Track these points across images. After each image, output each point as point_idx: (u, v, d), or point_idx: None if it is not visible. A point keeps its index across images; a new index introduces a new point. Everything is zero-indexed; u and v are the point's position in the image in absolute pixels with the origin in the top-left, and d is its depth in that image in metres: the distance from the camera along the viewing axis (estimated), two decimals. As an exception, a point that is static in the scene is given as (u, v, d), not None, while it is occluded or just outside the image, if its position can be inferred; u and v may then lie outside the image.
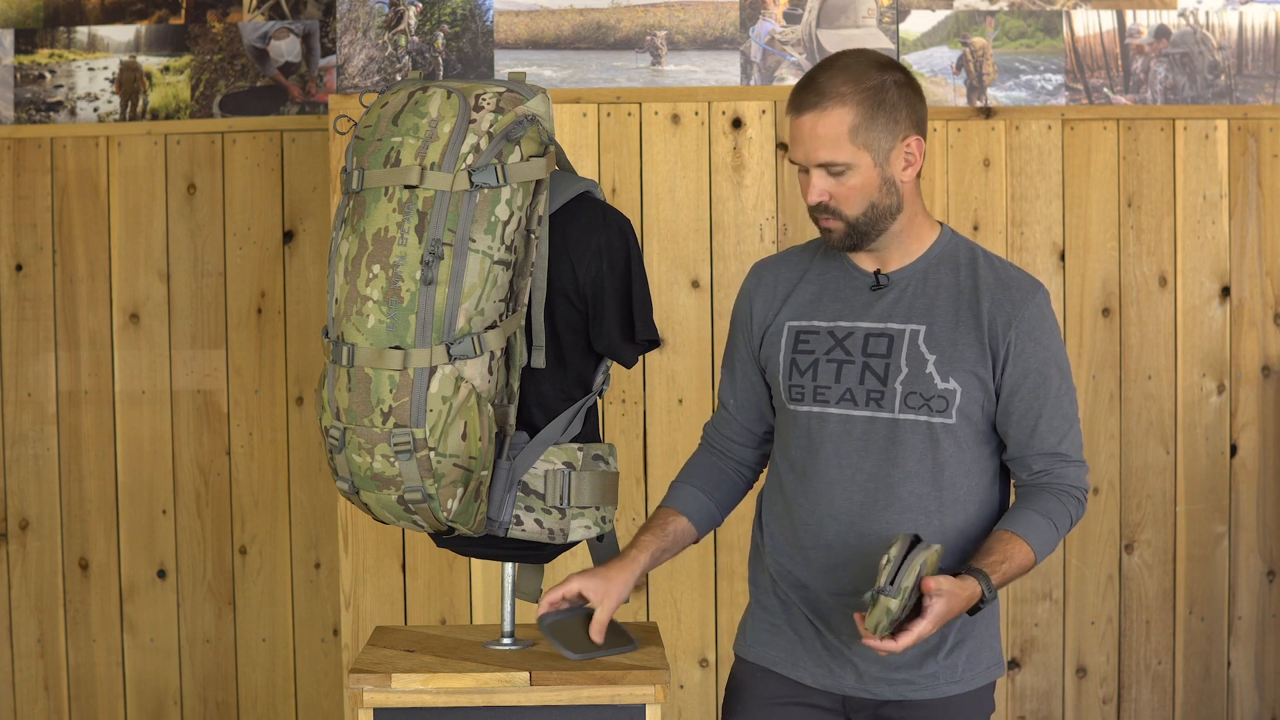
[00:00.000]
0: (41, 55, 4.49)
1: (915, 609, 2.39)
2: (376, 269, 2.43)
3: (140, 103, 4.48)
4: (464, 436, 2.44)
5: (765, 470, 2.77)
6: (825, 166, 2.51)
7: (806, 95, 2.52)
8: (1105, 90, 4.45)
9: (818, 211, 2.55)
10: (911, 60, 4.42)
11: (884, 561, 2.35)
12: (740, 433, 2.75)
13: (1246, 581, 4.39)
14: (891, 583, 2.34)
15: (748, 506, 2.84)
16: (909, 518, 2.53)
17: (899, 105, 2.52)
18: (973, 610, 2.46)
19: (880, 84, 2.51)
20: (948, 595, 2.39)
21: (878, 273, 2.61)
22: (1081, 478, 2.59)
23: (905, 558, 2.36)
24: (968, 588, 2.42)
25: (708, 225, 4.09)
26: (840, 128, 2.50)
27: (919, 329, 2.56)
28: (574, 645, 2.54)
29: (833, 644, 2.60)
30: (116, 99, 4.48)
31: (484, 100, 2.47)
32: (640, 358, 3.22)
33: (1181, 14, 4.44)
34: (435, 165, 2.43)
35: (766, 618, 2.68)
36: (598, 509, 2.62)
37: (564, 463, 2.58)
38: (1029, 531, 2.51)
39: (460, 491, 2.47)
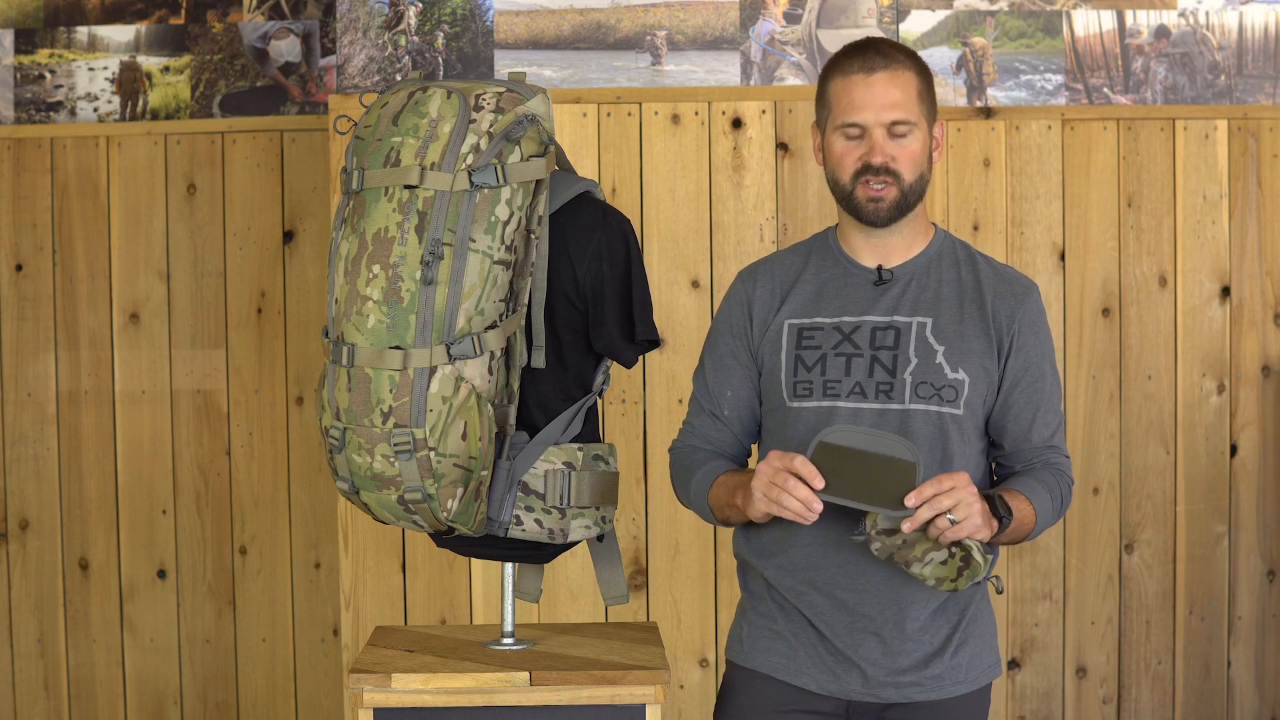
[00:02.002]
0: (41, 55, 4.49)
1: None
2: (376, 269, 2.43)
3: (140, 103, 4.48)
4: (464, 436, 2.44)
5: None
6: (893, 125, 2.55)
7: (873, 58, 2.56)
8: (1105, 90, 4.45)
9: (876, 174, 2.55)
10: (911, 60, 4.41)
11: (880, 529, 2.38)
12: (734, 445, 2.72)
13: (1246, 581, 4.39)
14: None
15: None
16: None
17: (933, 86, 2.63)
18: (994, 513, 2.46)
19: (918, 61, 2.62)
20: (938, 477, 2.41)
21: (880, 268, 2.63)
22: (1071, 469, 2.65)
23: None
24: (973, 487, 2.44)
25: (708, 225, 4.09)
26: (911, 89, 2.57)
27: (925, 321, 2.58)
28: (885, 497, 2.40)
29: (837, 648, 2.60)
30: (116, 99, 4.48)
31: (484, 100, 2.47)
32: (640, 358, 3.22)
33: (1181, 14, 4.44)
34: (435, 165, 2.43)
35: (764, 624, 2.67)
36: (598, 509, 2.62)
37: (564, 463, 2.58)
38: (1031, 493, 2.55)
39: (460, 491, 2.47)
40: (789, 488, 2.41)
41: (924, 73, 2.61)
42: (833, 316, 2.61)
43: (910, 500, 2.37)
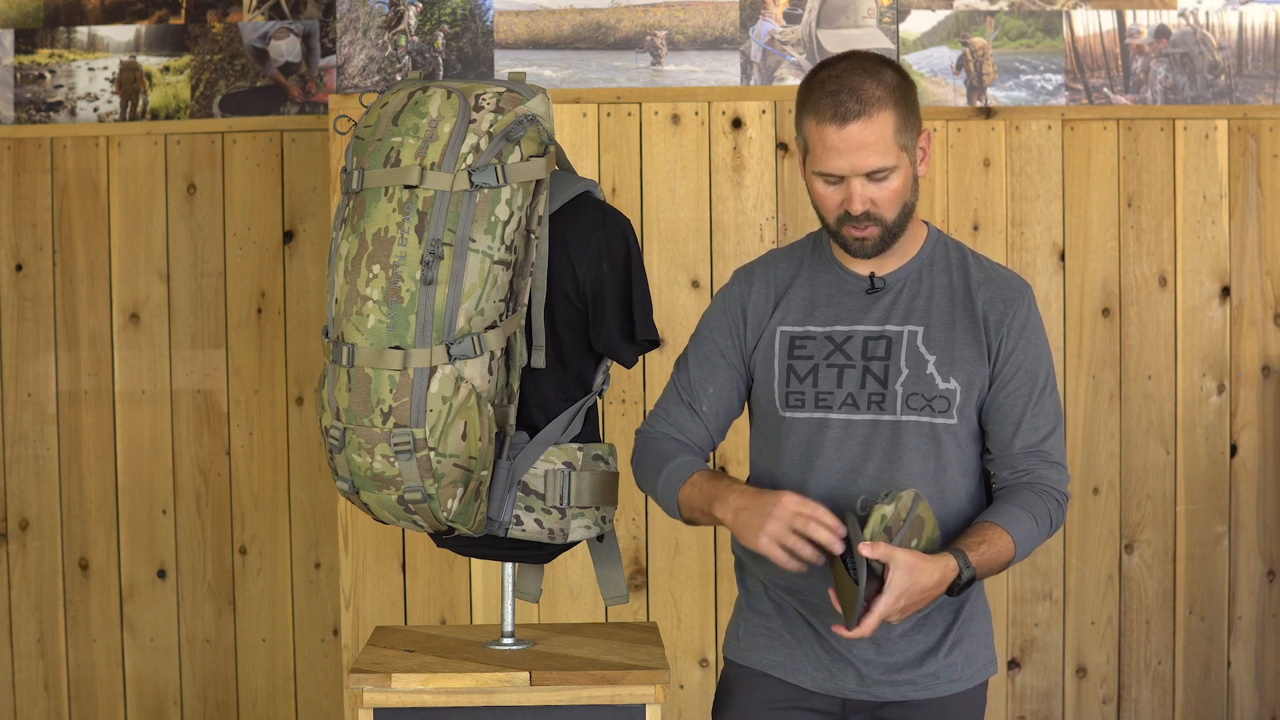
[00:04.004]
0: (41, 55, 4.49)
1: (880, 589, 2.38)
2: (376, 269, 2.43)
3: (140, 103, 4.48)
4: (464, 436, 2.44)
5: None
6: (871, 173, 2.48)
7: (846, 104, 2.46)
8: (1105, 90, 4.45)
9: (859, 220, 2.50)
10: (911, 60, 4.42)
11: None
12: (705, 439, 2.68)
13: (1246, 581, 4.39)
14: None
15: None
16: None
17: (914, 101, 2.54)
18: (951, 591, 2.45)
19: (897, 82, 2.52)
20: (906, 567, 2.36)
21: (872, 276, 2.61)
22: (1063, 481, 2.58)
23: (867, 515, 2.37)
24: (939, 562, 2.40)
25: (708, 225, 4.09)
26: (887, 132, 2.48)
27: (917, 330, 2.56)
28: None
29: (833, 647, 2.60)
30: (116, 99, 4.48)
31: (484, 100, 2.47)
32: (640, 358, 3.22)
33: (1181, 14, 4.44)
34: (435, 165, 2.43)
35: (761, 622, 2.67)
36: (598, 509, 2.62)
37: (564, 463, 2.58)
38: (1010, 523, 2.50)
39: (460, 491, 2.47)
40: (810, 530, 2.40)
41: (902, 99, 2.50)
42: (825, 325, 2.59)
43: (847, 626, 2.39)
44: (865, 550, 2.34)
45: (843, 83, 2.49)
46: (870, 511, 2.39)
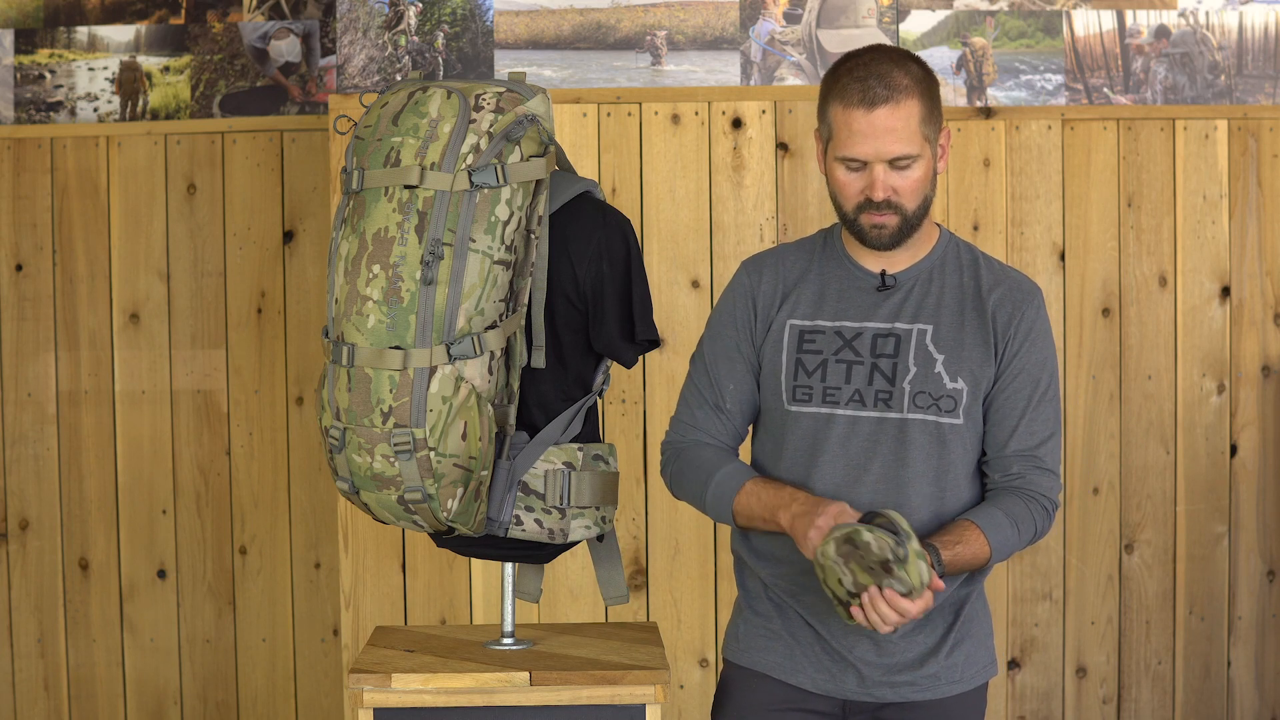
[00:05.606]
0: (41, 55, 4.49)
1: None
2: (376, 269, 2.43)
3: (140, 103, 4.48)
4: (464, 436, 2.44)
5: None
6: (894, 160, 2.49)
7: (874, 89, 2.47)
8: (1105, 90, 4.45)
9: (879, 208, 2.51)
10: (911, 60, 4.41)
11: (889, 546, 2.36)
12: (735, 437, 2.69)
13: (1246, 581, 4.39)
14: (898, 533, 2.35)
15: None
16: (914, 519, 2.53)
17: (938, 96, 2.56)
18: None
19: (922, 74, 2.53)
20: None
21: (884, 273, 2.61)
22: (1054, 489, 2.58)
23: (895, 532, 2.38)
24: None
25: (708, 225, 4.09)
26: (914, 119, 2.49)
27: (926, 328, 2.56)
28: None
29: (833, 648, 2.60)
30: (116, 99, 4.48)
31: (484, 100, 2.47)
32: (640, 358, 3.22)
33: (1181, 14, 4.44)
34: (435, 165, 2.43)
35: (761, 623, 2.67)
36: (598, 509, 2.62)
37: (564, 463, 2.58)
38: (990, 527, 2.50)
39: (460, 491, 2.47)
40: None
41: (927, 91, 2.52)
42: (834, 320, 2.60)
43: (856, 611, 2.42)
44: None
45: (871, 69, 2.50)
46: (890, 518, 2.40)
